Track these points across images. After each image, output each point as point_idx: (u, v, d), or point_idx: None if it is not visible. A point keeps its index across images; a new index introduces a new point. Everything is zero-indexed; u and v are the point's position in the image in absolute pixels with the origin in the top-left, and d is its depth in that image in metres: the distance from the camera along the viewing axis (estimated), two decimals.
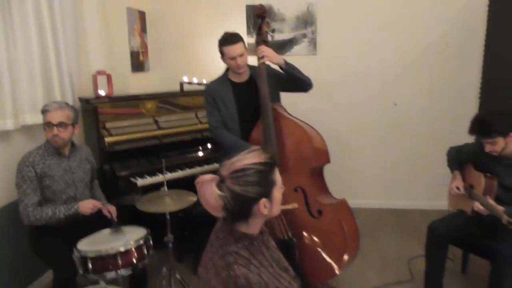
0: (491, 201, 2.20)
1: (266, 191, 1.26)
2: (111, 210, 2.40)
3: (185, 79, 3.66)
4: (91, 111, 3.04)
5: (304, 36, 3.97)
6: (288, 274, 1.42)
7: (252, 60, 2.63)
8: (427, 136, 3.98)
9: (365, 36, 3.94)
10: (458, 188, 2.50)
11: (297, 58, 3.97)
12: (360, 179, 4.22)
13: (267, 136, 2.49)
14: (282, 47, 4.00)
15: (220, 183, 1.25)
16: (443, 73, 3.89)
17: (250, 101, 2.58)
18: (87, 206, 2.29)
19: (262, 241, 1.38)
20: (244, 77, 2.68)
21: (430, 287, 2.52)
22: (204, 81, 3.51)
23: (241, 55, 2.52)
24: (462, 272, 2.94)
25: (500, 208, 2.11)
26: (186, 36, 4.15)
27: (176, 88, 3.64)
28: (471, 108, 3.65)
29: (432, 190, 3.94)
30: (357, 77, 4.02)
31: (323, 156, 2.52)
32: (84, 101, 3.15)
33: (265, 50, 2.52)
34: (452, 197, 2.59)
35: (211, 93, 2.67)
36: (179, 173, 3.14)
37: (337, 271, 2.40)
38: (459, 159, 2.61)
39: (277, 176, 1.30)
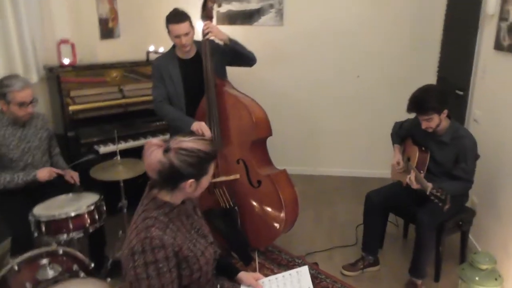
0: (421, 175, 2.37)
1: (197, 175, 1.46)
2: (73, 176, 2.57)
3: (152, 48, 3.71)
4: (55, 80, 3.12)
5: (271, 6, 3.98)
6: (206, 240, 1.61)
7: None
8: (386, 108, 4.07)
9: (332, 9, 3.96)
10: (398, 164, 2.67)
11: (264, 28, 4.04)
12: (325, 148, 4.36)
13: (210, 110, 2.60)
14: (249, 17, 4.02)
15: (165, 152, 1.43)
16: (404, 48, 3.97)
17: (196, 77, 2.64)
18: (43, 173, 2.44)
19: (184, 210, 1.55)
20: (191, 53, 2.74)
21: (365, 251, 2.74)
22: None
23: (186, 34, 2.56)
24: (403, 237, 3.17)
25: (428, 184, 2.26)
26: (156, 2, 4.14)
27: (144, 56, 3.70)
28: (429, 82, 3.75)
29: (390, 160, 4.11)
30: (322, 49, 4.07)
31: (264, 130, 2.63)
32: (48, 70, 3.22)
33: (210, 26, 2.56)
34: (393, 169, 2.77)
35: (158, 68, 2.73)
36: (141, 141, 3.24)
37: (277, 227, 2.56)
38: (400, 133, 2.77)
39: (211, 168, 1.51)
